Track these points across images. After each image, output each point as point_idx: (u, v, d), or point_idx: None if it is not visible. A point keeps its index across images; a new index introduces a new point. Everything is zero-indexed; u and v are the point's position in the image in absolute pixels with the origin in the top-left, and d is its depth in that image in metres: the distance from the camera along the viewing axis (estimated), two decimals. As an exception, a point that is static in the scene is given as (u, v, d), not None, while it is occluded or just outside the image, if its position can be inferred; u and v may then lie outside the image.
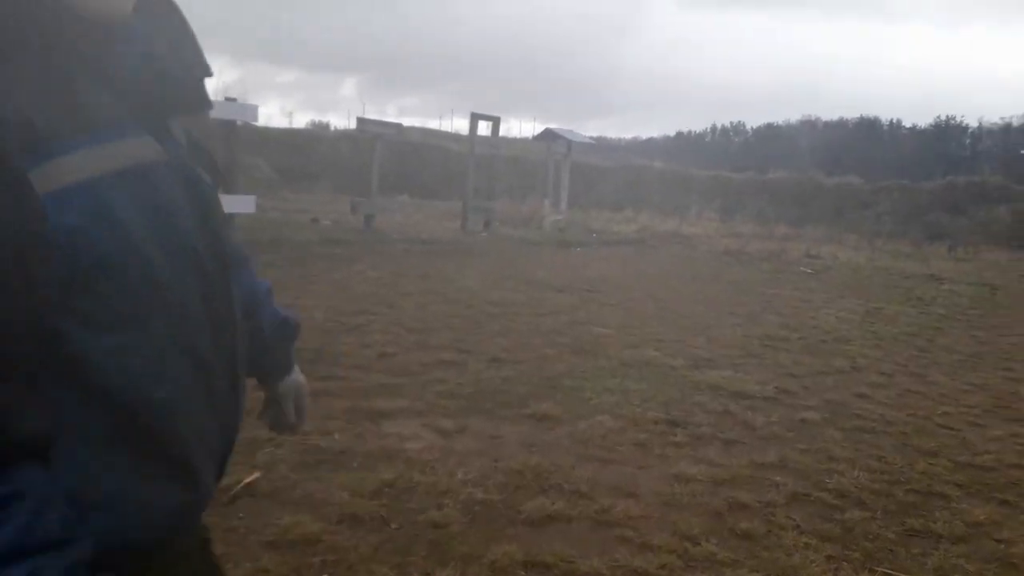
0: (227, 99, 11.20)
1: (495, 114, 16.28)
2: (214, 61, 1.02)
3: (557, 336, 6.67)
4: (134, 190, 0.79)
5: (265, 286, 1.23)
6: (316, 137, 28.14)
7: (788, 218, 24.73)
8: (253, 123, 11.74)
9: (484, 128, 16.07)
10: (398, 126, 14.84)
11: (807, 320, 8.70)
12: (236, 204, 11.57)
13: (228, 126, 11.22)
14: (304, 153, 25.63)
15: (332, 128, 32.22)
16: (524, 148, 23.78)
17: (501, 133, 17.25)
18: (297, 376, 1.31)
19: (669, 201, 27.39)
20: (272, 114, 63.54)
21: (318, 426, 3.91)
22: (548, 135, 18.79)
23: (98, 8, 0.79)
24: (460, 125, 18.97)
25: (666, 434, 4.36)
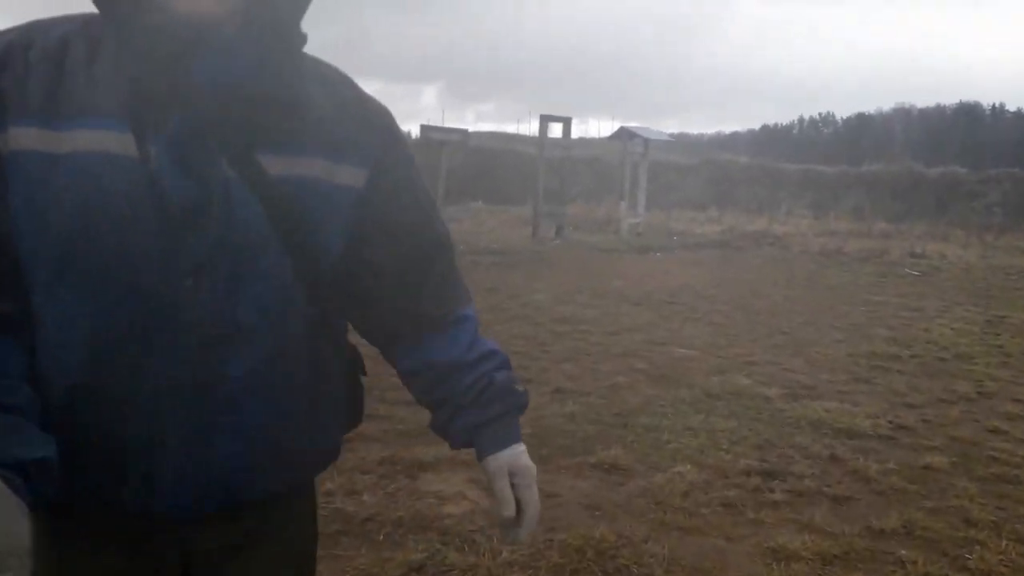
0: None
1: (569, 115, 15.65)
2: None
3: (632, 359, 5.98)
4: (67, 171, 0.84)
5: (485, 348, 1.11)
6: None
7: (887, 213, 23.16)
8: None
9: (556, 130, 15.46)
10: (463, 132, 14.33)
11: (919, 333, 7.70)
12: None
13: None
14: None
15: (413, 137, 32.13)
16: (599, 148, 23.01)
17: (577, 134, 16.59)
18: (514, 455, 1.09)
19: (756, 198, 26.13)
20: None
21: (346, 483, 3.37)
22: (623, 134, 17.96)
23: (187, 10, 0.84)
24: (535, 128, 18.40)
25: (761, 489, 3.63)
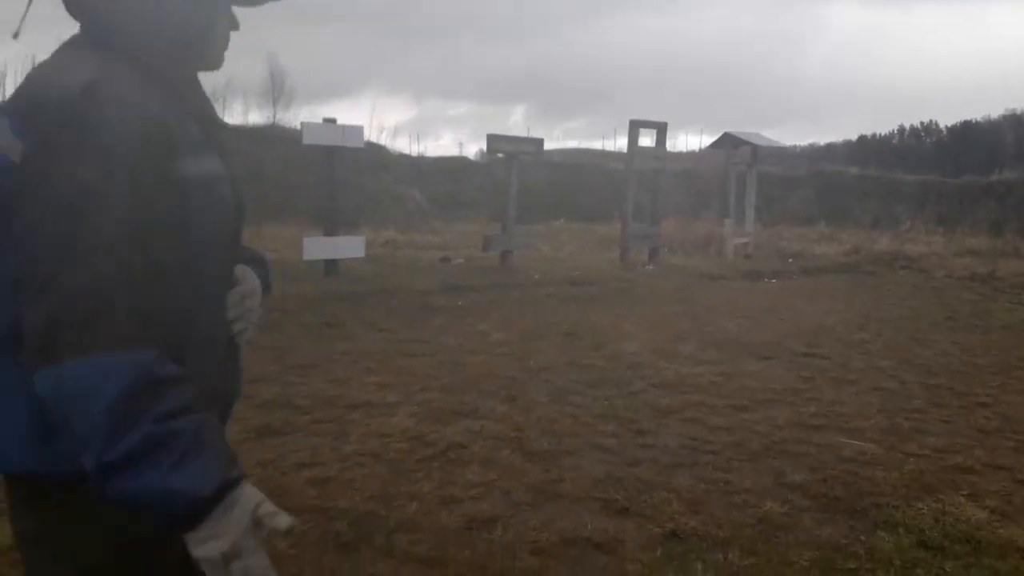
0: (326, 120, 9.43)
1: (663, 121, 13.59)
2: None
3: (780, 462, 3.96)
4: (204, 191, 1.12)
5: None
6: (471, 164, 26.56)
7: (1029, 228, 20.03)
8: (358, 146, 9.82)
9: (647, 139, 13.47)
10: (537, 142, 12.33)
11: None
12: (342, 247, 9.72)
13: (330, 151, 9.44)
14: (461, 180, 24.21)
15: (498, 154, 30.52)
16: (696, 159, 20.84)
17: (667, 147, 14.45)
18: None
19: (870, 213, 23.35)
20: (447, 145, 67.16)
21: None
22: (728, 141, 15.78)
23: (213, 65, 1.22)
24: (622, 144, 16.62)
25: None
